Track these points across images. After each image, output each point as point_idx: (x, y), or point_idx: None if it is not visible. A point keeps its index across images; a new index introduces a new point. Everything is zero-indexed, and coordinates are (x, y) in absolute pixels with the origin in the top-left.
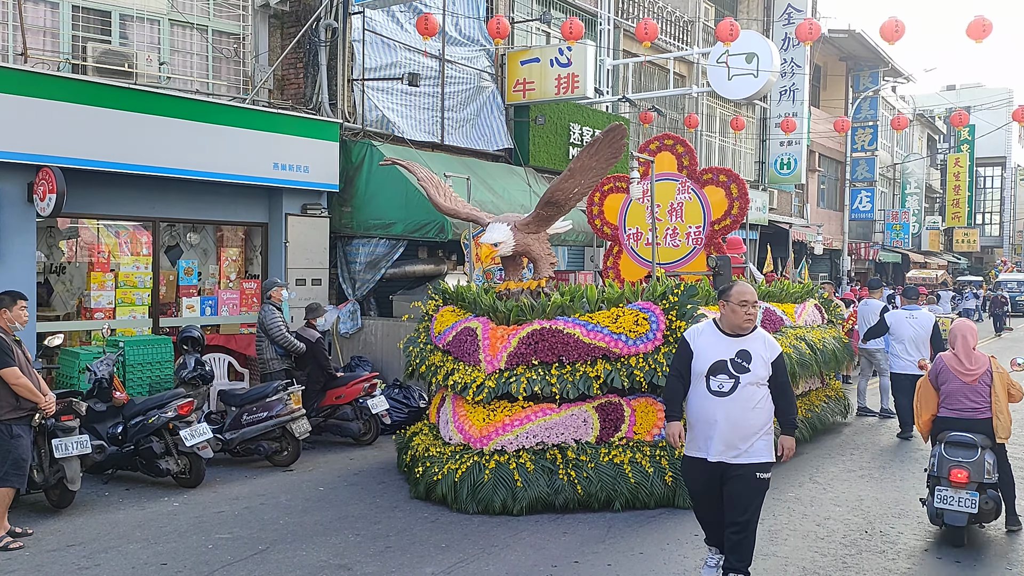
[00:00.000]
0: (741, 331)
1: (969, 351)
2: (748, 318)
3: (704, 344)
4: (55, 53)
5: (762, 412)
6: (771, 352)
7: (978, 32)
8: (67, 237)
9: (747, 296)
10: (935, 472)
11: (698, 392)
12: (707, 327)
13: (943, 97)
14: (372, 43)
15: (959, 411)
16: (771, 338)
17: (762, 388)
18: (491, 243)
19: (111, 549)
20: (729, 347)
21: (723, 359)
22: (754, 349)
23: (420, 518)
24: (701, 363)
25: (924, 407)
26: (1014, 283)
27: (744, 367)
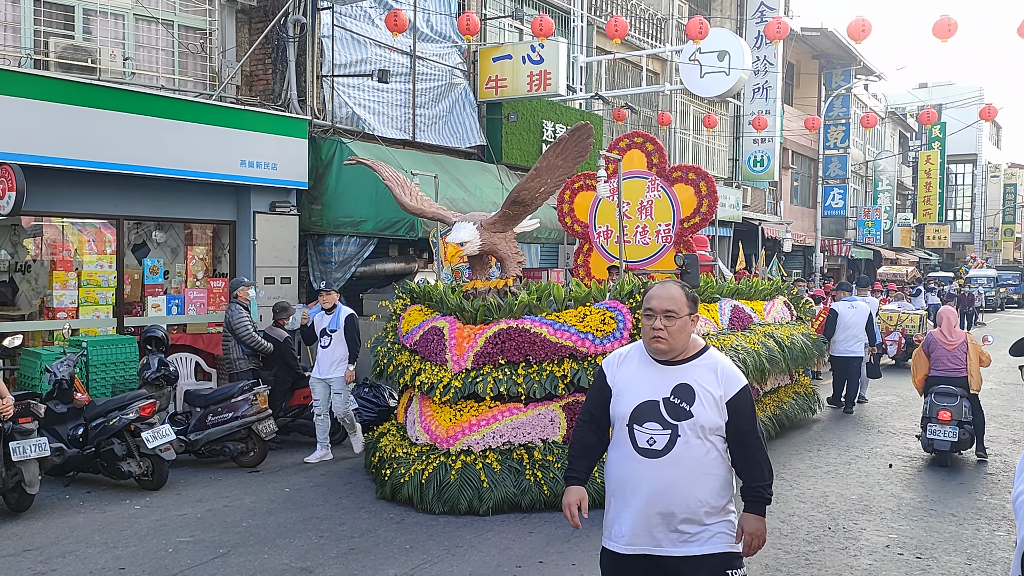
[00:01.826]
0: (669, 355)
1: (951, 328)
2: (656, 335)
3: (628, 377)
4: (16, 48)
5: (715, 479)
6: (727, 385)
7: (944, 31)
8: (32, 235)
9: (653, 303)
10: (927, 414)
11: (620, 450)
12: (634, 351)
13: (915, 95)
14: (341, 39)
15: (943, 371)
16: (727, 363)
17: (712, 442)
18: (457, 242)
19: (69, 554)
20: (662, 380)
21: (653, 399)
22: (699, 382)
23: (385, 519)
24: (622, 404)
25: (918, 368)
26: (984, 279)
27: (684, 410)
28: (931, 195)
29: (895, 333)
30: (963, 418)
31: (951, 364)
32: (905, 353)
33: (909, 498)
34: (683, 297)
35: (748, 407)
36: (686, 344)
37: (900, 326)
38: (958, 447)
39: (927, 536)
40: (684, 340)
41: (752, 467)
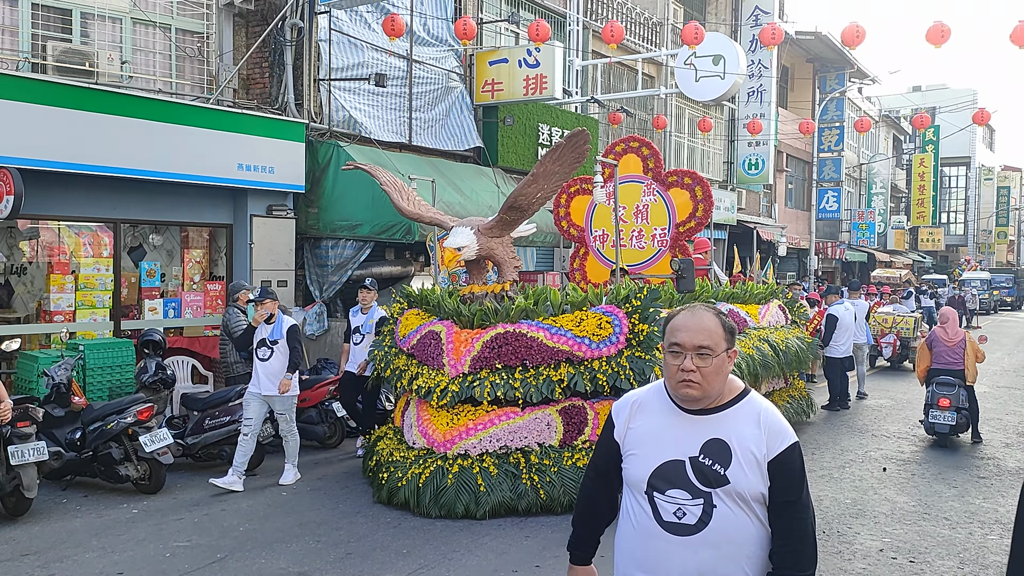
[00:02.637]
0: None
1: (953, 327)
2: (686, 379)
3: (644, 429)
4: (14, 52)
5: (757, 561)
6: (772, 440)
7: (937, 37)
8: (28, 238)
9: (681, 336)
10: (929, 402)
11: (638, 523)
12: (652, 395)
13: (908, 99)
14: (339, 43)
15: (944, 364)
16: (772, 412)
17: (757, 514)
18: (454, 247)
19: (67, 558)
20: (689, 434)
21: (677, 459)
22: (737, 437)
23: (382, 523)
24: (638, 465)
25: (921, 361)
26: (977, 281)
27: (717, 474)
28: (925, 198)
29: (890, 335)
30: (960, 404)
31: (950, 358)
32: (900, 355)
33: (903, 502)
34: (719, 328)
35: (796, 470)
36: (722, 388)
37: (895, 328)
38: (956, 430)
39: (920, 540)
40: (720, 384)
41: (790, 550)
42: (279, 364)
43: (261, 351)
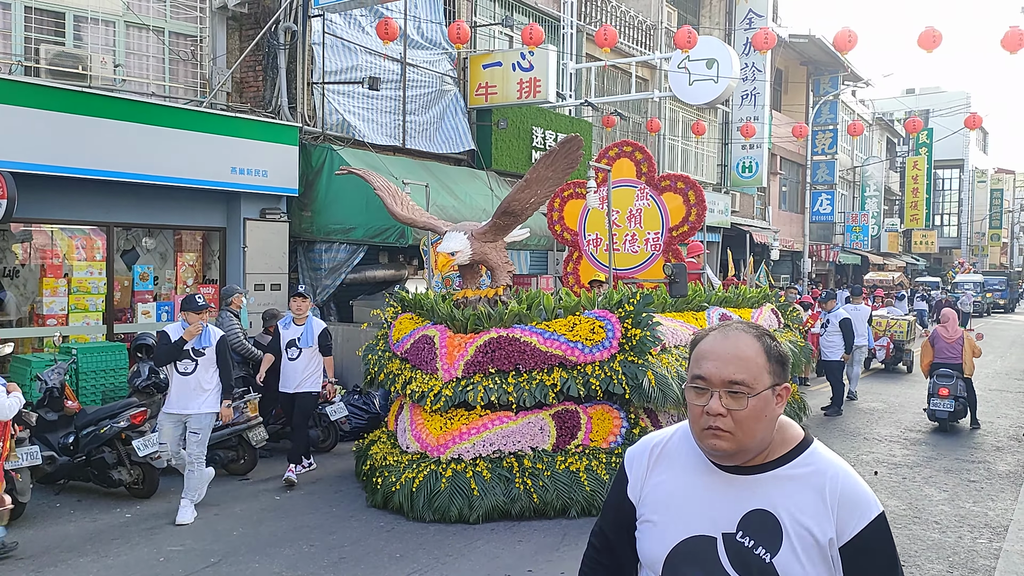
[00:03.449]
0: (740, 458)
1: (953, 326)
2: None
3: (667, 487)
4: (7, 55)
5: None
6: (846, 515)
7: (929, 43)
8: (20, 241)
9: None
10: (931, 392)
11: None
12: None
13: (902, 102)
14: (332, 46)
15: (944, 359)
16: (845, 475)
17: None
18: (448, 252)
19: (60, 563)
20: (724, 500)
21: (706, 534)
22: (790, 509)
23: (376, 527)
24: (654, 539)
25: (924, 356)
26: (971, 284)
27: (759, 560)
28: (918, 200)
29: (884, 338)
30: (958, 394)
31: (950, 353)
32: (894, 357)
33: (894, 506)
34: (761, 357)
35: (884, 556)
36: (769, 438)
37: (889, 331)
38: (954, 416)
39: (910, 544)
40: (765, 433)
41: None
42: (204, 380)
43: (182, 364)
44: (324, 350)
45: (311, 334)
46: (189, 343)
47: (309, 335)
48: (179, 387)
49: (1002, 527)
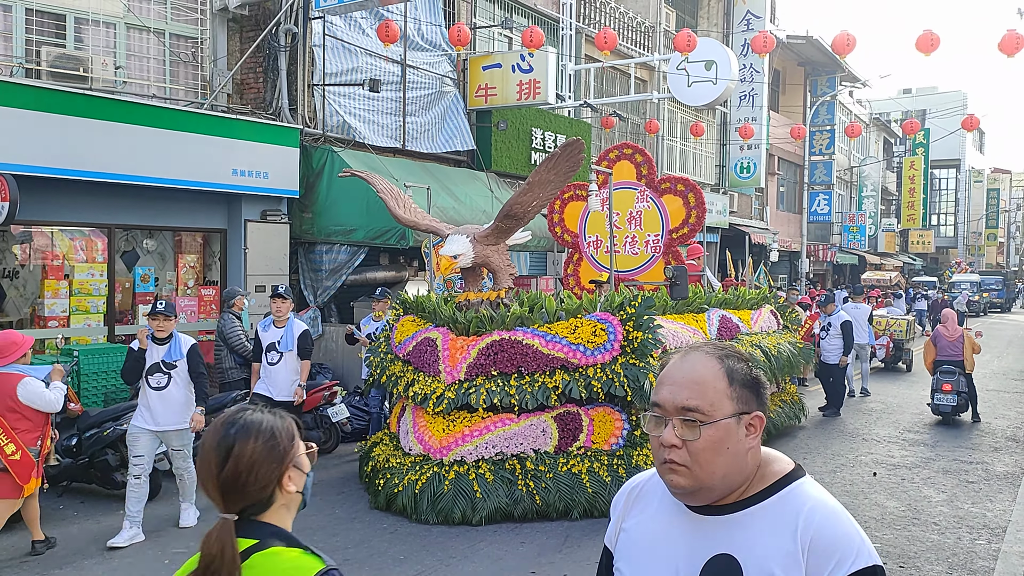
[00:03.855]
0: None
1: (953, 325)
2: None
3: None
4: (8, 57)
5: None
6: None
7: (926, 46)
8: (20, 241)
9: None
10: (934, 387)
11: None
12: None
13: (898, 103)
14: (333, 48)
15: (947, 356)
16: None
17: None
18: (450, 255)
19: (65, 564)
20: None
21: None
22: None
23: (379, 529)
24: None
25: (927, 354)
26: (967, 283)
27: None
28: (915, 200)
29: (883, 337)
30: (960, 389)
31: (951, 351)
32: (894, 356)
33: (893, 507)
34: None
35: None
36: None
37: (889, 331)
38: (956, 410)
39: (910, 545)
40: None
41: None
42: (179, 394)
43: (154, 378)
44: (303, 353)
45: (291, 337)
46: (160, 356)
47: (289, 338)
48: (153, 402)
49: (1000, 528)
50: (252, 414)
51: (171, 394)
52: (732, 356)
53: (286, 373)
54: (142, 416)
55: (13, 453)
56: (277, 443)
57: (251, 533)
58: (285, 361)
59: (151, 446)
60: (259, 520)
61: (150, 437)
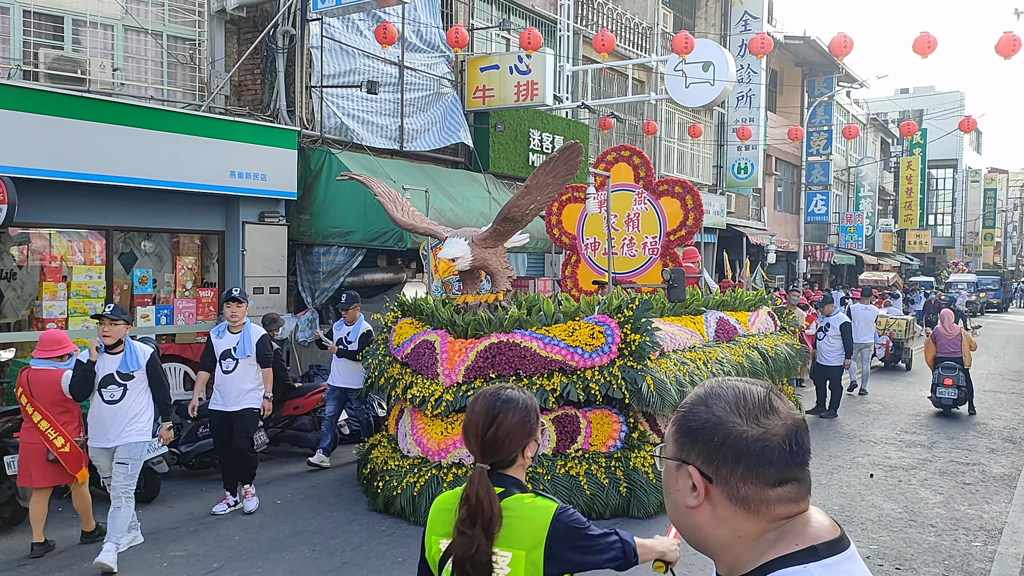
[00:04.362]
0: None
1: (950, 324)
2: None
3: None
4: (5, 59)
5: None
6: None
7: (923, 48)
8: (18, 243)
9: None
10: (936, 382)
11: None
12: None
13: (896, 103)
14: (330, 50)
15: (946, 353)
16: None
17: None
18: (448, 258)
19: (65, 567)
20: None
21: None
22: None
23: (377, 532)
24: None
25: (928, 351)
26: (964, 283)
27: None
28: (912, 200)
29: (883, 337)
30: (959, 383)
31: (950, 348)
32: (893, 355)
33: (889, 509)
34: (516, 425)
35: None
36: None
37: (888, 330)
38: (956, 403)
39: (906, 547)
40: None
41: None
42: (136, 405)
43: (108, 390)
44: (263, 360)
45: (248, 342)
46: (114, 367)
47: (246, 344)
48: (105, 417)
49: (997, 530)
50: (513, 391)
51: (124, 407)
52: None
53: (242, 382)
54: (94, 436)
55: (63, 446)
56: (529, 419)
57: (499, 483)
58: (241, 369)
59: (109, 465)
60: (504, 473)
61: (108, 459)
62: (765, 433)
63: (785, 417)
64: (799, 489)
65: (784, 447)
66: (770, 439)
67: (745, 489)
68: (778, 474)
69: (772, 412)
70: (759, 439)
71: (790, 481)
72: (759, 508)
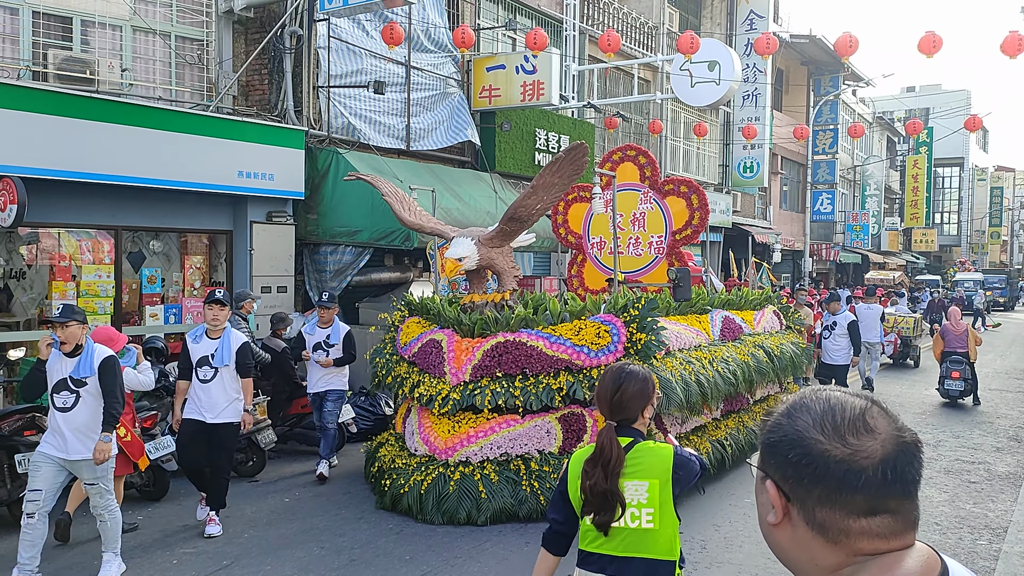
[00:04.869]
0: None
1: (957, 320)
2: None
3: None
4: (15, 60)
5: None
6: None
7: (929, 47)
8: (27, 242)
9: None
10: (944, 375)
11: None
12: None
13: (902, 101)
14: (337, 50)
15: (954, 347)
16: None
17: None
18: (455, 258)
19: (75, 565)
20: None
21: None
22: None
23: (385, 529)
24: None
25: (937, 346)
26: (970, 282)
27: None
28: (918, 199)
29: (891, 335)
30: (965, 376)
31: (957, 343)
32: (901, 352)
33: None
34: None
35: None
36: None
37: (896, 328)
38: (963, 395)
39: None
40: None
41: None
42: (86, 414)
43: (60, 397)
44: (243, 371)
45: (227, 350)
46: (67, 371)
47: (225, 351)
48: (61, 426)
49: (1002, 528)
50: (634, 367)
51: (79, 417)
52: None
53: (222, 392)
54: (49, 441)
55: (125, 435)
56: (646, 388)
57: (626, 434)
58: (221, 378)
59: (55, 479)
60: (630, 427)
61: (56, 468)
62: (853, 455)
63: (885, 438)
64: (894, 523)
65: (877, 473)
66: (858, 462)
67: (822, 514)
68: (866, 503)
69: (866, 431)
70: (843, 460)
71: (882, 513)
72: (838, 538)
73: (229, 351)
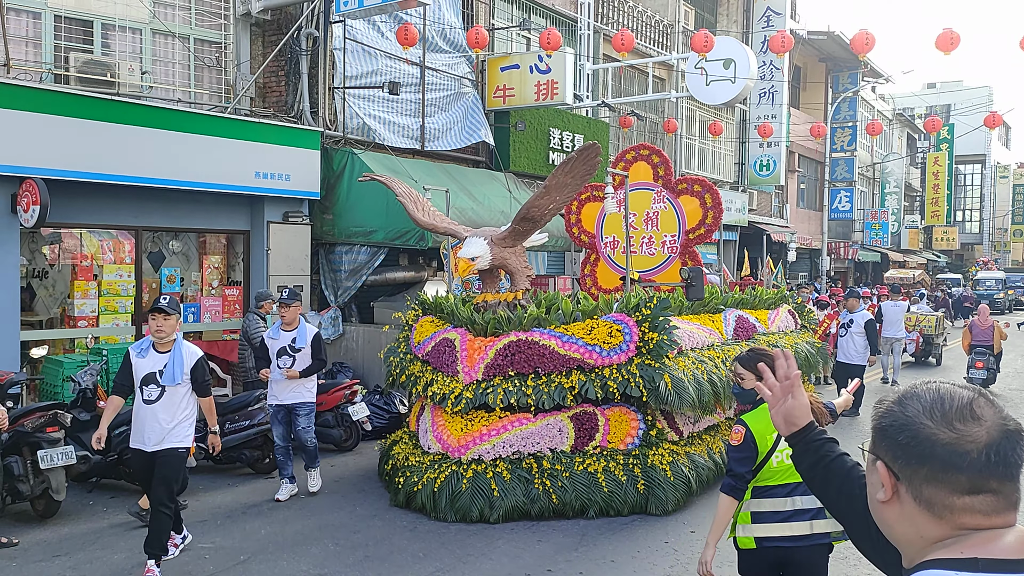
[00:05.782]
0: None
1: (985, 316)
2: None
3: None
4: (37, 63)
5: None
6: None
7: (946, 44)
8: (49, 242)
9: None
10: (970, 364)
11: None
12: None
13: (922, 98)
14: (353, 51)
15: (980, 341)
16: None
17: None
18: (468, 258)
19: (96, 559)
20: None
21: None
22: None
23: (399, 527)
24: None
25: (965, 339)
26: (992, 280)
27: None
28: (939, 197)
29: (913, 332)
30: (989, 367)
31: (983, 337)
32: (924, 351)
33: None
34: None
35: None
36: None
37: (919, 326)
38: (985, 383)
39: None
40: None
41: None
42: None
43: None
44: (200, 389)
45: (179, 366)
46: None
47: (177, 368)
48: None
49: None
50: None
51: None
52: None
53: (165, 414)
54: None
55: None
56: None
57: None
58: (167, 399)
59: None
60: None
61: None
62: (959, 439)
63: (991, 425)
64: (996, 502)
65: (981, 455)
66: (963, 445)
67: (929, 491)
68: (969, 482)
69: (972, 419)
70: (949, 443)
71: (984, 492)
72: (942, 513)
73: (181, 367)
